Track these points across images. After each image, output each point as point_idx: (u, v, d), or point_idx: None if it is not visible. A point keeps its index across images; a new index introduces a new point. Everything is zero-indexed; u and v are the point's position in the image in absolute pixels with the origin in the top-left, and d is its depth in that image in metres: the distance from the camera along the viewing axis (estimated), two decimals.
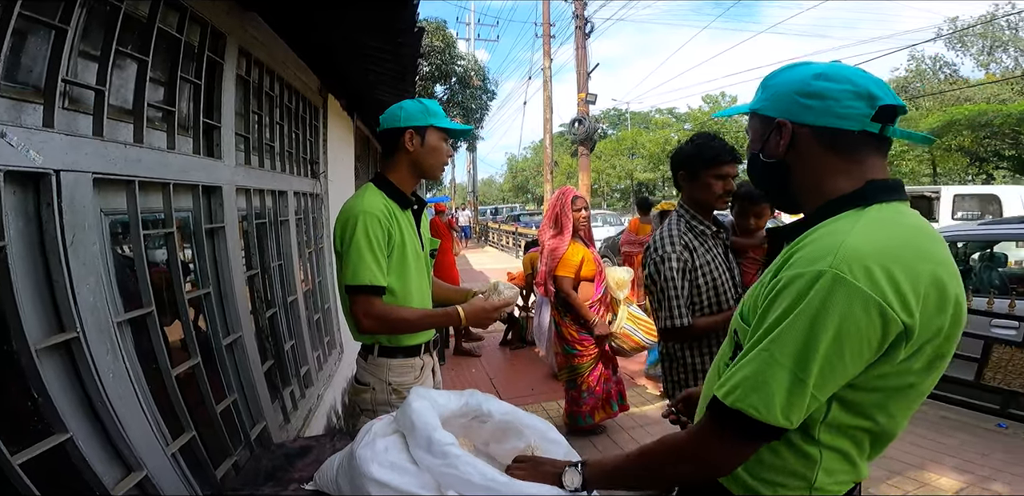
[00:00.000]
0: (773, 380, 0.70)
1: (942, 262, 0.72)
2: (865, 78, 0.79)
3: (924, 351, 0.72)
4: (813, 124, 0.80)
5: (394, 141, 1.56)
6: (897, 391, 0.75)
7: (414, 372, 1.58)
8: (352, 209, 1.46)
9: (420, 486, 0.92)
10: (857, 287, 0.67)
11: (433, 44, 12.05)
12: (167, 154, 1.34)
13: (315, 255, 2.94)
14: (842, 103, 0.77)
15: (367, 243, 1.41)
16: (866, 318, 0.67)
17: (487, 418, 1.21)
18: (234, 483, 1.24)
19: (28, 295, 0.90)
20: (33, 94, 0.97)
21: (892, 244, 0.71)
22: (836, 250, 0.69)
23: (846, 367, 0.70)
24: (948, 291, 0.70)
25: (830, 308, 0.67)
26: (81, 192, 1.00)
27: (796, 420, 0.71)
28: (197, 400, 1.43)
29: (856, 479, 0.83)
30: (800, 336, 0.69)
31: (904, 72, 23.65)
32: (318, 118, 3.11)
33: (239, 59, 1.85)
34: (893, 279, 0.67)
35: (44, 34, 0.98)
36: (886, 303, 0.67)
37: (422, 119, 1.55)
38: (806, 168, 0.83)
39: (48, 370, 0.91)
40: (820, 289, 0.68)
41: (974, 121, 15.95)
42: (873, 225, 0.73)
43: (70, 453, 0.94)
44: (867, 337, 0.68)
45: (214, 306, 1.58)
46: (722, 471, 0.79)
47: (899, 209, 0.78)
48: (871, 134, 0.78)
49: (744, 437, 0.74)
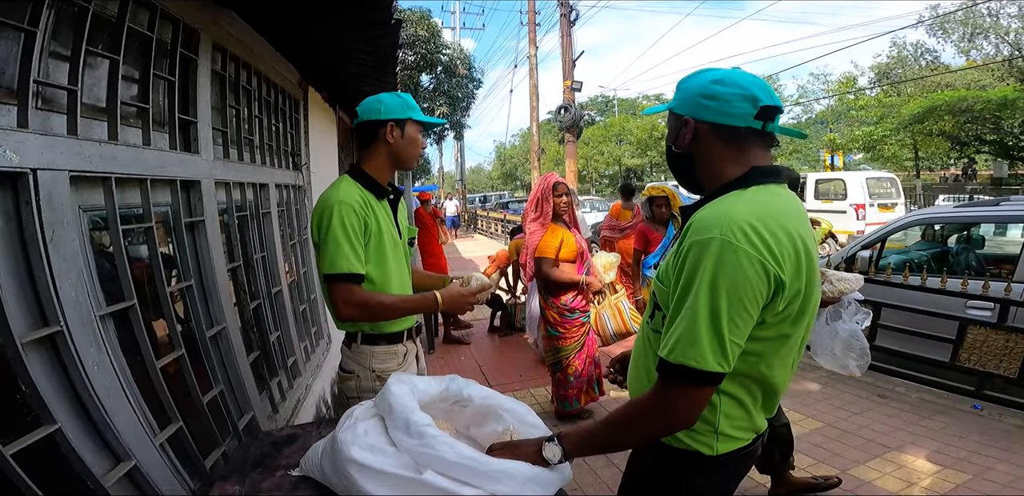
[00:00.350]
0: (700, 335, 0.85)
1: (798, 230, 0.90)
2: (752, 83, 0.94)
3: (793, 304, 0.90)
4: (710, 121, 0.97)
5: (372, 133, 1.58)
6: (774, 341, 0.93)
7: (397, 359, 1.62)
8: (327, 200, 1.49)
9: (399, 466, 0.97)
10: (742, 248, 0.84)
11: (418, 33, 11.91)
12: (143, 150, 1.35)
13: (299, 246, 2.96)
14: (732, 104, 0.94)
15: (343, 232, 1.44)
16: (752, 272, 0.84)
17: (468, 402, 1.26)
18: (223, 471, 1.26)
19: (11, 291, 0.92)
20: (6, 95, 0.98)
21: (762, 213, 0.88)
22: (723, 220, 0.87)
23: (750, 314, 0.86)
24: (801, 253, 0.89)
25: (723, 267, 0.84)
26: (58, 190, 1.02)
27: (728, 363, 0.86)
28: (183, 391, 1.46)
29: (754, 429, 1.01)
30: (707, 294, 0.85)
31: (886, 58, 23.76)
32: (298, 110, 3.10)
33: (214, 55, 1.85)
34: (764, 240, 0.85)
35: (14, 37, 0.99)
36: (763, 259, 0.84)
37: (401, 112, 1.58)
38: (705, 157, 1.00)
39: (34, 363, 0.94)
40: (712, 253, 0.85)
41: (955, 107, 16.18)
42: (750, 200, 0.91)
43: (60, 444, 0.97)
44: (757, 288, 0.85)
45: (196, 298, 1.60)
46: (688, 420, 0.91)
47: (773, 189, 0.96)
48: (755, 130, 0.95)
49: (693, 385, 0.88)
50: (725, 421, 0.97)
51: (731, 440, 0.98)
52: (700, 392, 0.89)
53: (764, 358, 0.94)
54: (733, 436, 0.98)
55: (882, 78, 23.30)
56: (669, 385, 0.90)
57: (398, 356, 1.63)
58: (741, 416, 0.98)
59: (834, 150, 20.32)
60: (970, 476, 2.41)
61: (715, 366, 0.85)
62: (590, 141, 32.54)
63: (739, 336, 0.86)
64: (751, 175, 0.96)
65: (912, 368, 3.64)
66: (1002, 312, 3.21)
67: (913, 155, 21.80)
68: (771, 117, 0.95)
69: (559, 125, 10.57)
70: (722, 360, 0.85)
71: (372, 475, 0.97)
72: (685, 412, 0.90)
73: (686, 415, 0.90)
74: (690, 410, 0.90)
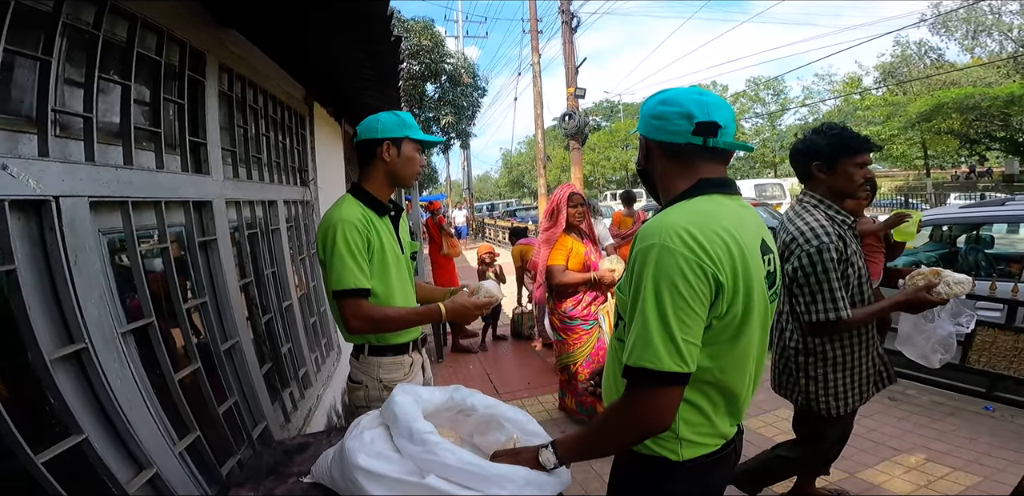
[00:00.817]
0: (652, 337, 0.88)
1: (733, 234, 0.93)
2: (691, 101, 0.98)
3: (735, 305, 0.93)
4: (657, 139, 1.03)
5: (370, 151, 1.64)
6: (724, 345, 0.96)
7: (403, 369, 1.67)
8: (331, 219, 1.54)
9: (403, 472, 1.02)
10: (678, 251, 0.89)
11: (421, 43, 12.04)
12: (156, 174, 1.42)
13: (308, 260, 3.03)
14: (672, 122, 0.99)
15: (347, 249, 1.50)
16: (691, 272, 0.88)
17: (471, 412, 1.30)
18: (238, 478, 1.32)
19: (39, 311, 0.99)
20: (26, 124, 1.04)
21: (698, 219, 0.92)
22: (661, 227, 0.92)
23: (696, 313, 0.90)
24: (736, 256, 0.92)
25: (662, 270, 0.89)
26: (80, 215, 1.09)
27: (688, 363, 0.89)
28: (200, 402, 1.51)
29: (720, 434, 1.02)
30: (653, 297, 0.89)
31: (890, 58, 23.68)
32: (304, 126, 3.18)
33: (220, 75, 1.92)
34: (699, 242, 0.89)
35: (30, 65, 1.05)
36: (700, 260, 0.89)
37: (398, 131, 1.62)
38: (658, 173, 1.07)
39: (62, 378, 1.01)
40: (653, 257, 0.90)
41: (962, 104, 16.12)
42: (689, 209, 0.97)
43: (87, 453, 1.04)
44: (697, 288, 0.89)
45: (211, 314, 1.67)
46: (663, 421, 0.92)
47: (717, 199, 1.00)
48: (697, 145, 0.99)
49: (655, 386, 0.90)
50: (685, 427, 0.99)
51: (696, 445, 1.00)
52: (664, 393, 0.90)
53: (716, 362, 0.96)
54: (697, 442, 1.00)
55: (887, 77, 23.20)
56: (634, 389, 0.92)
57: (404, 366, 1.68)
58: (702, 422, 1.00)
59: None
60: (980, 478, 2.39)
61: (672, 366, 0.87)
62: (596, 147, 32.59)
63: (692, 335, 0.89)
64: (697, 186, 1.01)
65: (923, 370, 3.62)
66: (1010, 313, 3.19)
67: (922, 154, 21.59)
68: (712, 132, 0.98)
69: (564, 132, 10.62)
70: (679, 359, 0.87)
71: (378, 481, 1.02)
72: (654, 414, 0.91)
73: (657, 417, 0.91)
74: (659, 412, 0.91)
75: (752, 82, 31.89)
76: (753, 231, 1.00)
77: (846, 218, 1.77)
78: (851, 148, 1.72)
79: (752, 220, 1.02)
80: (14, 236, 0.94)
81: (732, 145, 1.02)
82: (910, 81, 21.19)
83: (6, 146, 0.97)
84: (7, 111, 1.01)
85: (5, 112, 1.00)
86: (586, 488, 2.51)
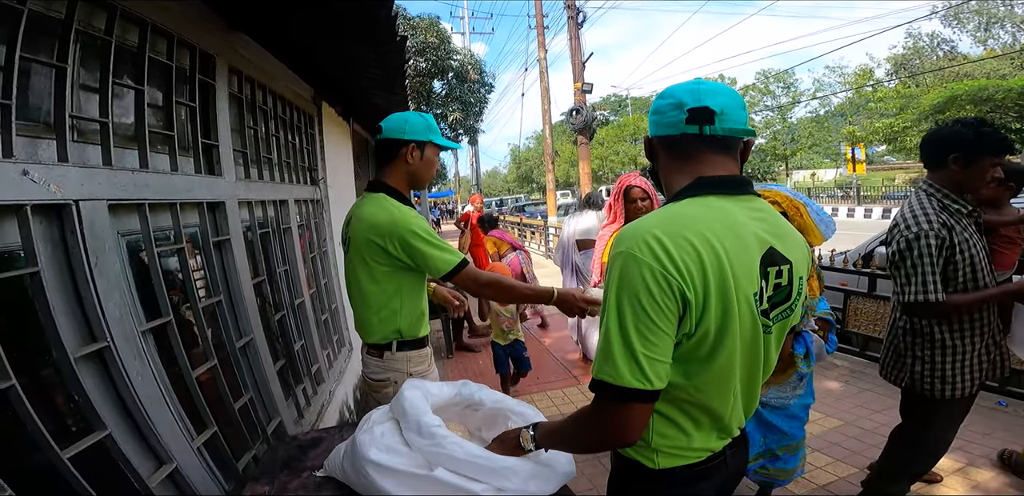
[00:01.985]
0: (612, 350, 0.83)
1: (712, 243, 0.84)
2: (683, 90, 0.93)
3: (707, 322, 0.84)
4: (656, 134, 0.99)
5: (394, 150, 1.66)
6: (698, 363, 0.88)
7: (427, 361, 1.73)
8: (395, 222, 1.56)
9: (413, 465, 1.05)
10: (642, 260, 0.82)
11: (428, 40, 12.04)
12: (171, 176, 1.46)
13: (319, 258, 3.07)
14: (667, 115, 0.94)
15: (430, 236, 1.56)
16: (655, 284, 0.81)
17: (479, 406, 1.33)
18: (254, 473, 1.35)
19: (62, 311, 1.02)
20: (45, 130, 1.07)
21: (672, 225, 0.85)
22: (632, 234, 0.86)
23: (661, 329, 0.82)
24: (710, 267, 0.83)
25: (625, 281, 0.83)
26: (99, 218, 1.12)
27: (651, 380, 0.82)
28: (217, 399, 1.56)
29: (702, 448, 0.96)
30: (614, 308, 0.84)
31: (902, 50, 23.40)
32: (313, 126, 3.21)
33: (230, 77, 1.95)
34: (667, 252, 0.82)
35: (46, 72, 1.08)
36: (666, 271, 0.81)
37: (424, 134, 1.65)
38: (661, 170, 1.02)
39: (86, 375, 1.05)
40: (618, 266, 0.84)
41: (976, 96, 15.95)
42: (669, 212, 0.90)
43: (110, 448, 1.08)
44: (661, 300, 0.81)
45: (226, 312, 1.71)
46: (625, 436, 0.88)
47: (706, 201, 0.91)
48: (694, 135, 0.92)
49: (615, 400, 0.85)
50: (659, 438, 0.94)
51: (672, 457, 0.95)
52: (625, 409, 0.84)
53: (691, 380, 0.89)
54: (673, 454, 0.95)
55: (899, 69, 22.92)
56: (598, 400, 0.88)
57: (427, 358, 1.74)
58: (676, 436, 0.94)
59: (854, 143, 20.00)
60: (993, 474, 2.39)
61: (632, 382, 0.81)
62: (605, 141, 32.43)
63: (655, 351, 0.82)
64: (692, 186, 0.93)
65: None
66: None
67: None
68: (707, 119, 0.91)
69: (571, 127, 10.61)
70: (640, 376, 0.81)
71: (388, 474, 1.05)
72: (617, 428, 0.86)
73: (619, 431, 0.87)
74: (621, 426, 0.86)
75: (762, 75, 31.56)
76: (755, 238, 0.90)
77: (962, 207, 1.81)
78: (996, 149, 1.75)
79: (758, 226, 0.91)
80: (37, 239, 0.98)
81: (732, 131, 0.93)
82: (923, 73, 20.95)
83: (27, 152, 1.00)
84: (26, 117, 1.04)
85: (25, 118, 1.03)
86: (594, 482, 2.53)
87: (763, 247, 0.91)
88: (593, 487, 2.50)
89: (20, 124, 0.98)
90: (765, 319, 0.92)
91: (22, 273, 0.96)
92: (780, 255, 0.92)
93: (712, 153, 0.94)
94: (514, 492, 1.03)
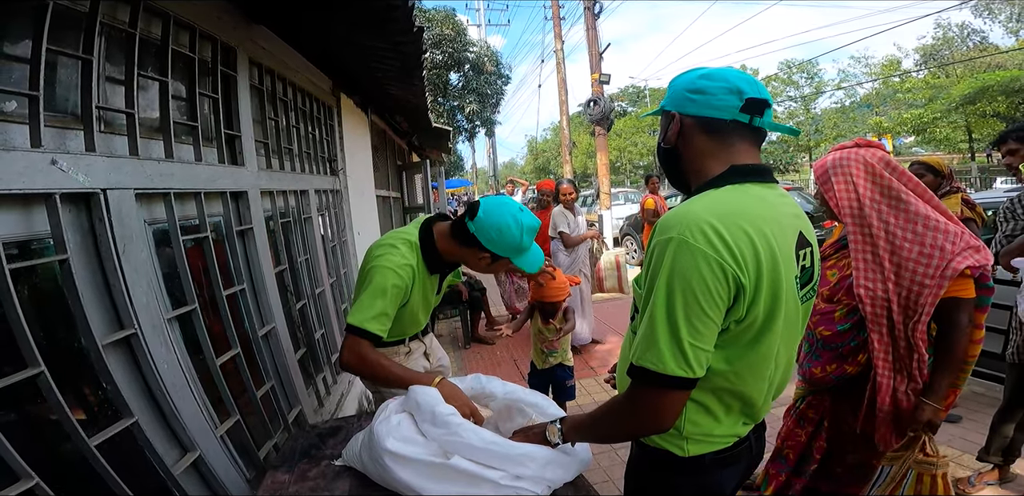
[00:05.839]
0: (658, 338, 0.83)
1: (763, 232, 0.84)
2: (738, 77, 0.92)
3: (756, 309, 0.85)
4: (695, 114, 0.95)
5: (469, 241, 1.52)
6: (742, 348, 0.89)
7: (398, 357, 1.70)
8: (383, 258, 1.48)
9: (429, 454, 1.05)
10: (698, 248, 0.80)
11: (444, 33, 12.01)
12: (195, 166, 1.47)
13: (339, 248, 3.09)
14: (717, 97, 0.92)
15: (380, 294, 1.44)
16: (709, 273, 0.80)
17: (491, 398, 1.33)
18: (275, 461, 1.37)
19: (91, 299, 1.04)
20: (73, 121, 1.09)
21: (725, 212, 0.84)
22: (682, 219, 0.84)
23: (710, 318, 0.82)
24: (764, 256, 0.83)
25: (678, 268, 0.81)
26: (127, 206, 1.14)
27: (695, 368, 0.82)
28: (239, 387, 1.58)
29: (732, 434, 0.98)
30: (664, 296, 0.82)
31: (931, 40, 22.75)
32: (332, 117, 3.22)
33: (251, 69, 1.96)
34: (723, 239, 0.81)
35: (73, 65, 1.10)
36: (721, 259, 0.80)
37: (502, 251, 1.52)
38: (689, 151, 0.98)
39: (113, 363, 1.07)
40: (670, 253, 0.82)
41: (1008, 87, 15.53)
42: (717, 199, 0.89)
43: (136, 436, 1.10)
44: (714, 289, 0.81)
45: (249, 301, 1.73)
46: (661, 423, 0.88)
47: (748, 189, 0.92)
48: (741, 123, 0.92)
49: (656, 387, 0.85)
50: (691, 426, 0.95)
51: (702, 443, 0.96)
52: (665, 396, 0.85)
53: (731, 366, 0.90)
54: (703, 440, 0.96)
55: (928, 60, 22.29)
56: (636, 387, 0.88)
57: (399, 355, 1.71)
58: (708, 423, 0.95)
59: (881, 134, 19.53)
60: (1019, 472, 2.33)
61: (675, 370, 0.82)
62: (623, 132, 32.08)
63: (701, 340, 0.83)
64: (728, 174, 0.93)
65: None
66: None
67: (967, 137, 20.74)
68: (759, 111, 0.92)
69: (589, 119, 10.46)
70: (683, 364, 0.82)
71: (406, 463, 1.06)
72: (653, 415, 0.87)
73: (655, 418, 0.88)
74: (658, 413, 0.87)
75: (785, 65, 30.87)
76: (790, 224, 0.93)
77: None
78: None
79: (789, 211, 0.95)
80: (66, 227, 1.00)
81: (777, 127, 0.96)
82: (952, 63, 20.36)
83: (55, 142, 1.02)
84: (55, 109, 1.06)
85: (53, 110, 1.05)
86: (610, 475, 2.53)
87: (796, 231, 0.94)
88: (608, 479, 2.49)
89: (48, 115, 0.99)
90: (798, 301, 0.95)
91: (52, 260, 0.97)
92: (805, 238, 0.96)
93: (748, 143, 0.95)
94: (531, 479, 1.03)
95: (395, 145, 6.73)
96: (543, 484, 1.05)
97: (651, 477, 1.04)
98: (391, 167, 5.98)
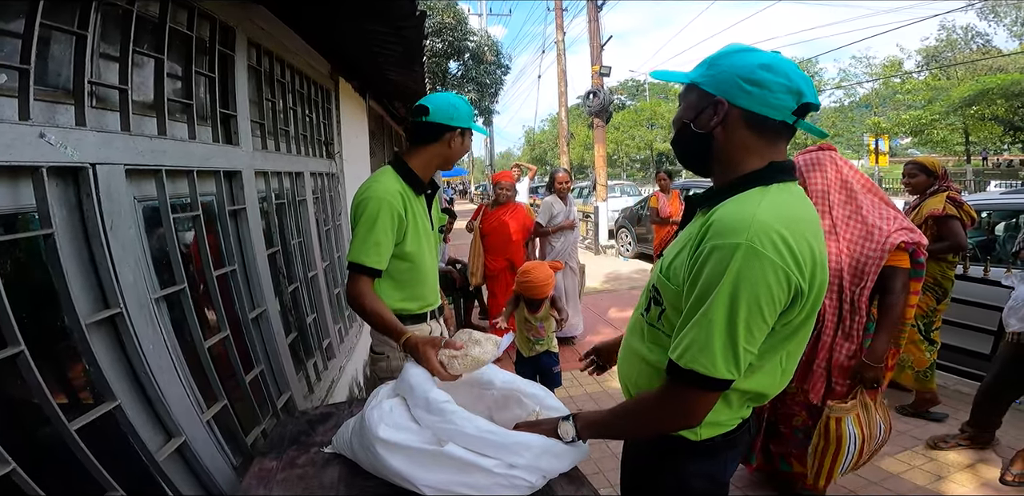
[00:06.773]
0: (713, 342, 0.83)
1: (815, 235, 0.88)
2: (799, 75, 0.89)
3: (806, 306, 0.88)
4: (746, 108, 0.90)
5: (436, 134, 1.61)
6: (778, 343, 0.91)
7: None
8: (367, 192, 1.53)
9: (422, 441, 1.03)
10: (768, 257, 0.80)
11: (444, 21, 11.86)
12: (189, 144, 1.43)
13: (333, 232, 3.05)
14: (776, 95, 0.88)
15: (372, 226, 1.48)
16: (776, 281, 0.81)
17: (490, 387, 1.31)
18: (262, 448, 1.35)
19: (75, 276, 1.01)
20: (64, 95, 1.06)
21: (790, 220, 0.84)
22: (750, 225, 0.82)
23: (767, 323, 0.84)
24: (818, 262, 0.87)
25: (747, 276, 0.81)
26: (116, 182, 1.10)
27: (739, 371, 0.85)
28: (228, 371, 1.55)
29: (737, 415, 1.01)
30: (727, 303, 0.82)
31: (934, 42, 22.77)
32: (330, 101, 3.17)
33: (249, 50, 1.92)
34: (791, 249, 0.82)
35: (67, 40, 1.06)
36: (788, 268, 0.81)
37: (467, 121, 1.63)
38: (729, 144, 0.94)
39: (97, 343, 1.03)
40: (738, 259, 0.81)
41: (1008, 90, 15.62)
42: (776, 203, 0.87)
43: (119, 420, 1.07)
44: (778, 298, 0.83)
45: (239, 282, 1.70)
46: (692, 421, 0.91)
47: (791, 189, 0.93)
48: (787, 124, 0.91)
49: (701, 389, 0.87)
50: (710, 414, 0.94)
51: (714, 426, 0.99)
52: (707, 396, 0.88)
53: (760, 360, 0.91)
54: (713, 424, 0.99)
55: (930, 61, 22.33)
56: (677, 387, 0.89)
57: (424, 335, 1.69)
58: (722, 409, 0.97)
59: (879, 134, 19.58)
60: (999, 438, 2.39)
61: (725, 373, 0.83)
62: (621, 125, 32.04)
63: (753, 344, 0.84)
64: (770, 170, 0.91)
65: (951, 359, 3.53)
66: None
67: (964, 139, 20.84)
68: (805, 115, 0.91)
69: (587, 110, 10.39)
70: (733, 368, 0.83)
71: (398, 450, 1.04)
72: (690, 414, 0.90)
73: (691, 417, 0.90)
74: (695, 412, 0.89)
75: None
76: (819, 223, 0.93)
77: None
78: None
79: (817, 216, 0.94)
80: (52, 201, 0.96)
81: (810, 128, 0.97)
82: (954, 65, 20.41)
83: (45, 115, 0.99)
84: (46, 83, 1.03)
85: (44, 84, 1.02)
86: (600, 466, 2.53)
87: None
88: (599, 471, 2.50)
89: (39, 89, 0.97)
90: None
91: (36, 234, 0.94)
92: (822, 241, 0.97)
93: (784, 143, 0.95)
94: (526, 468, 1.02)
95: (392, 131, 6.67)
96: (538, 474, 1.03)
97: (658, 467, 1.04)
98: (388, 153, 5.92)
